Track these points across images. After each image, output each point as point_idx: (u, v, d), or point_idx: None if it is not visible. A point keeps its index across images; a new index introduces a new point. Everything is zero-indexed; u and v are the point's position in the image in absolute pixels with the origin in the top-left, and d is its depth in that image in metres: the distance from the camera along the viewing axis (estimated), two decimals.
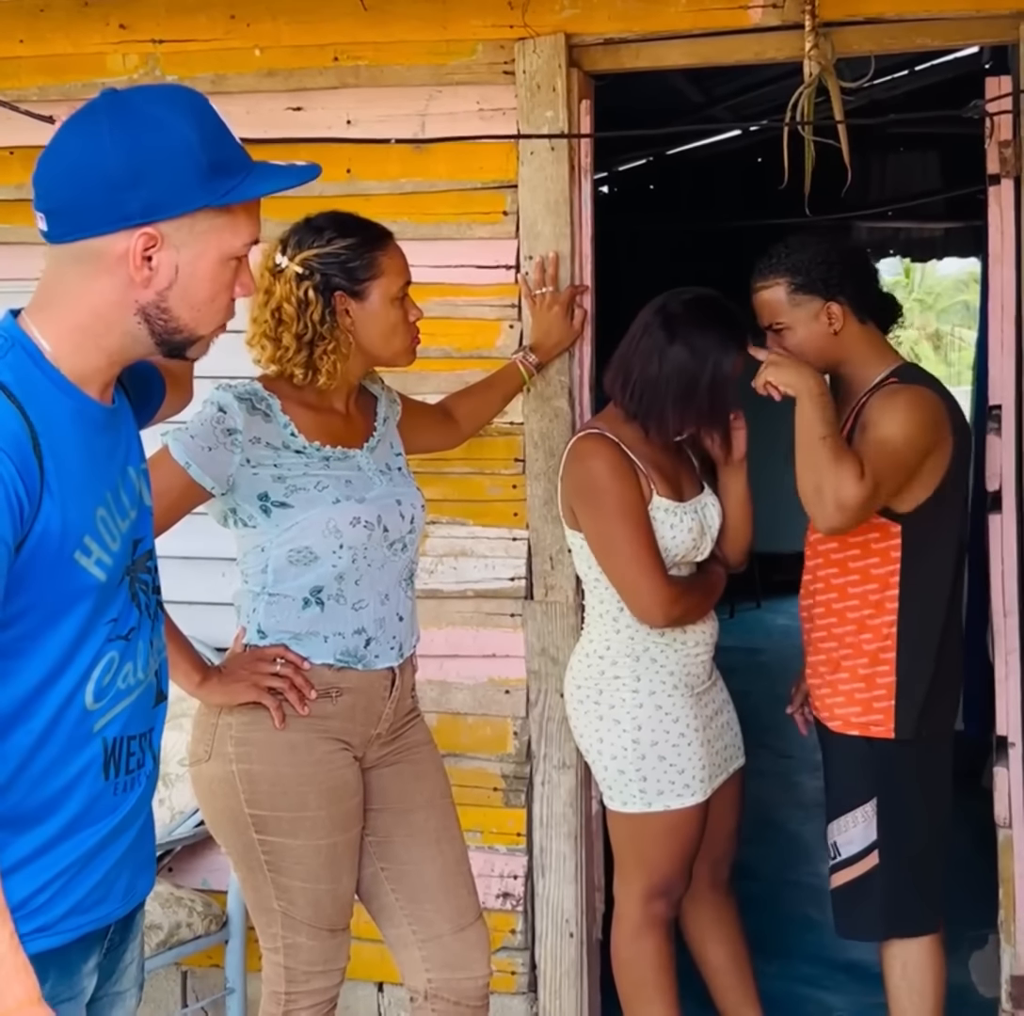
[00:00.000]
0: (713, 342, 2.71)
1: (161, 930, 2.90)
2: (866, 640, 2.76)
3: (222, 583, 2.95)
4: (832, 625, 2.81)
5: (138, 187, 1.52)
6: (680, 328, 2.72)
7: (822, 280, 2.74)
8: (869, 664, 2.75)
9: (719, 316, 2.76)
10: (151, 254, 1.54)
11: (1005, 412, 2.94)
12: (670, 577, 2.75)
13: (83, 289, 1.56)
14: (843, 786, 2.83)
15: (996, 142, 2.90)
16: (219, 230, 1.57)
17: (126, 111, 1.55)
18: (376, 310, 2.43)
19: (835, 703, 2.80)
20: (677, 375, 2.71)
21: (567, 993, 3.17)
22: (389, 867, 2.51)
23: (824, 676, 2.82)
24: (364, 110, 3.15)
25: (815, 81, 2.87)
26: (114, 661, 1.61)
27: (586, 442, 2.79)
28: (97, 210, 1.52)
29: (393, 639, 2.46)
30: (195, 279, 1.57)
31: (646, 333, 2.75)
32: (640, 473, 2.75)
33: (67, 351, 1.57)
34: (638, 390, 2.74)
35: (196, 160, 1.54)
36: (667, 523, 2.76)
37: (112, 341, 1.59)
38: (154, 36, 3.23)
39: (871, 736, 2.76)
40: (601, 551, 2.77)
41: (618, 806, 2.83)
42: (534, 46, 3.01)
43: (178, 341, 1.61)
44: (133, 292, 1.56)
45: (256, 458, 2.34)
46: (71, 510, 1.53)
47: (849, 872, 2.82)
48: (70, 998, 1.61)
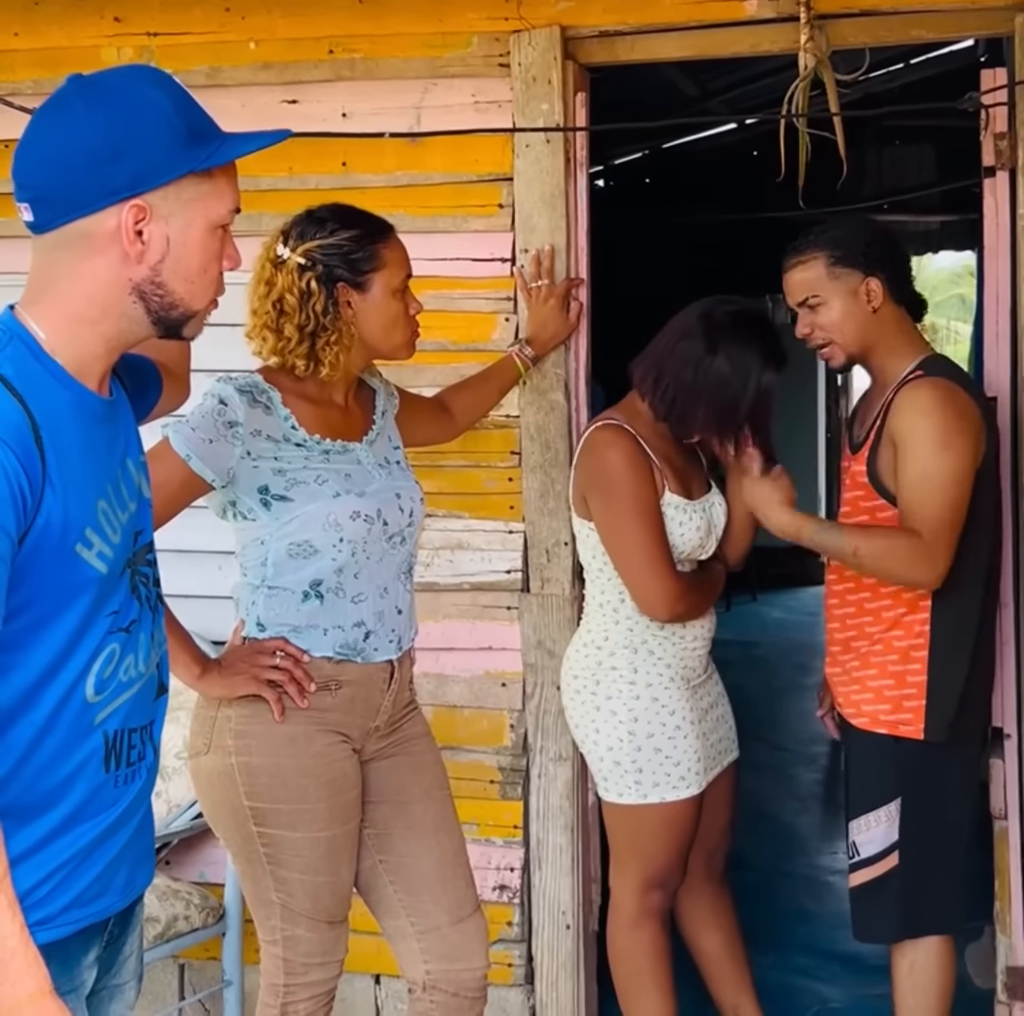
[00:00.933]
0: (755, 359, 2.69)
1: (158, 923, 2.91)
2: (897, 637, 2.70)
3: (219, 576, 2.95)
4: (865, 624, 2.75)
5: (121, 159, 1.52)
6: (722, 340, 2.69)
7: (863, 254, 2.68)
8: (900, 661, 2.70)
9: (762, 332, 2.74)
10: (142, 227, 1.55)
11: (1001, 404, 2.95)
12: (677, 572, 2.76)
13: (76, 274, 1.56)
14: (866, 785, 2.78)
15: (991, 134, 2.90)
16: (205, 197, 1.58)
17: (96, 89, 1.56)
18: (378, 302, 2.43)
19: (862, 700, 2.74)
20: (719, 388, 2.69)
21: (564, 985, 3.18)
22: (387, 859, 2.51)
23: (852, 673, 2.76)
24: (359, 103, 3.14)
25: (811, 74, 2.87)
26: (115, 653, 1.61)
27: (604, 432, 2.79)
28: (84, 189, 1.53)
29: (392, 632, 2.46)
30: (186, 249, 1.58)
31: (685, 337, 2.72)
32: (655, 467, 2.75)
33: (64, 341, 1.57)
34: (671, 392, 2.73)
35: (174, 127, 1.55)
36: (677, 520, 2.77)
37: (109, 326, 1.59)
38: (149, 29, 3.22)
39: (899, 735, 2.70)
40: (611, 542, 2.77)
41: (613, 798, 2.83)
42: (529, 39, 3.01)
43: (174, 318, 1.61)
44: (127, 270, 1.56)
45: (257, 451, 2.34)
46: (72, 502, 1.53)
47: (868, 872, 2.76)
48: (70, 991, 1.60)
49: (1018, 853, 2.98)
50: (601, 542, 2.79)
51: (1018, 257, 2.89)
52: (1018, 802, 2.96)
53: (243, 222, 2.97)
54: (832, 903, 3.64)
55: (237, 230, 2.93)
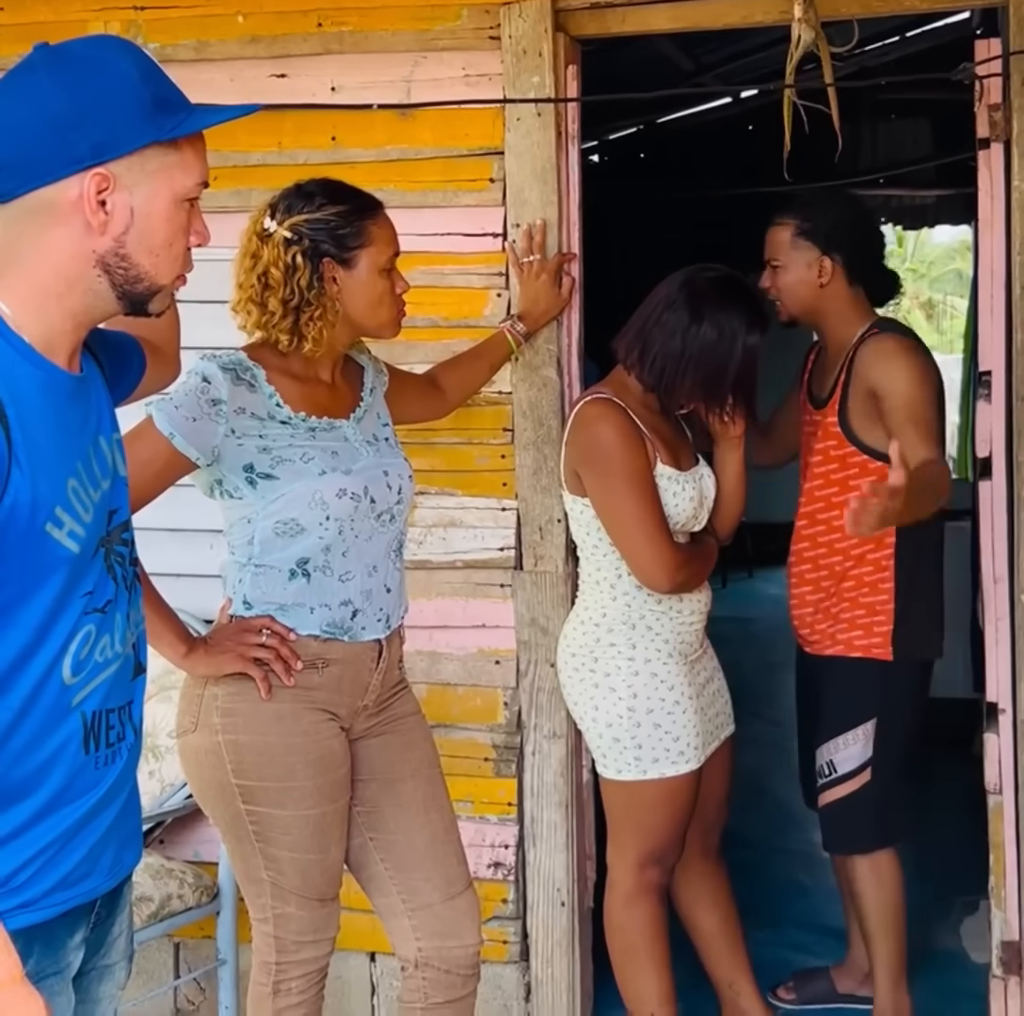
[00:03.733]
0: (740, 323, 2.72)
1: (152, 902, 2.91)
2: (867, 572, 2.98)
3: (210, 555, 2.94)
4: (835, 563, 3.01)
5: (85, 127, 1.50)
6: (706, 307, 2.72)
7: (824, 234, 2.95)
8: (870, 593, 2.98)
9: (744, 296, 2.78)
10: (105, 197, 1.53)
11: (995, 378, 2.93)
12: (675, 543, 2.76)
13: (39, 245, 1.54)
14: (844, 707, 3.03)
15: (986, 106, 2.87)
16: (170, 168, 1.56)
17: (62, 58, 1.54)
18: (363, 279, 2.41)
19: (837, 630, 3.02)
20: (706, 355, 2.72)
21: (559, 962, 3.18)
22: (378, 837, 2.50)
23: (827, 610, 3.04)
24: (349, 76, 3.11)
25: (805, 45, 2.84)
26: (91, 634, 1.59)
27: (594, 406, 2.78)
28: (46, 157, 1.51)
29: (380, 611, 2.45)
30: (151, 220, 1.56)
31: (669, 308, 2.74)
32: (646, 439, 2.75)
33: (31, 317, 1.55)
34: (659, 363, 2.74)
35: (139, 95, 1.53)
36: (670, 491, 2.76)
37: (74, 300, 1.57)
38: (136, 3, 3.19)
39: (873, 657, 2.99)
40: (608, 516, 2.76)
41: (612, 774, 2.83)
42: (520, 11, 2.98)
43: (139, 292, 1.59)
44: (90, 241, 1.54)
45: (241, 429, 2.33)
46: (41, 482, 1.51)
47: (843, 788, 3.02)
48: (56, 972, 1.60)
49: (1013, 827, 2.98)
50: (597, 517, 2.78)
51: (1013, 229, 2.86)
52: (1013, 776, 2.96)
53: (232, 197, 3.02)
54: (828, 879, 3.63)
55: (225, 205, 2.95)
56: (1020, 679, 2.92)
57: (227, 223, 2.25)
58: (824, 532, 3.03)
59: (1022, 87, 2.80)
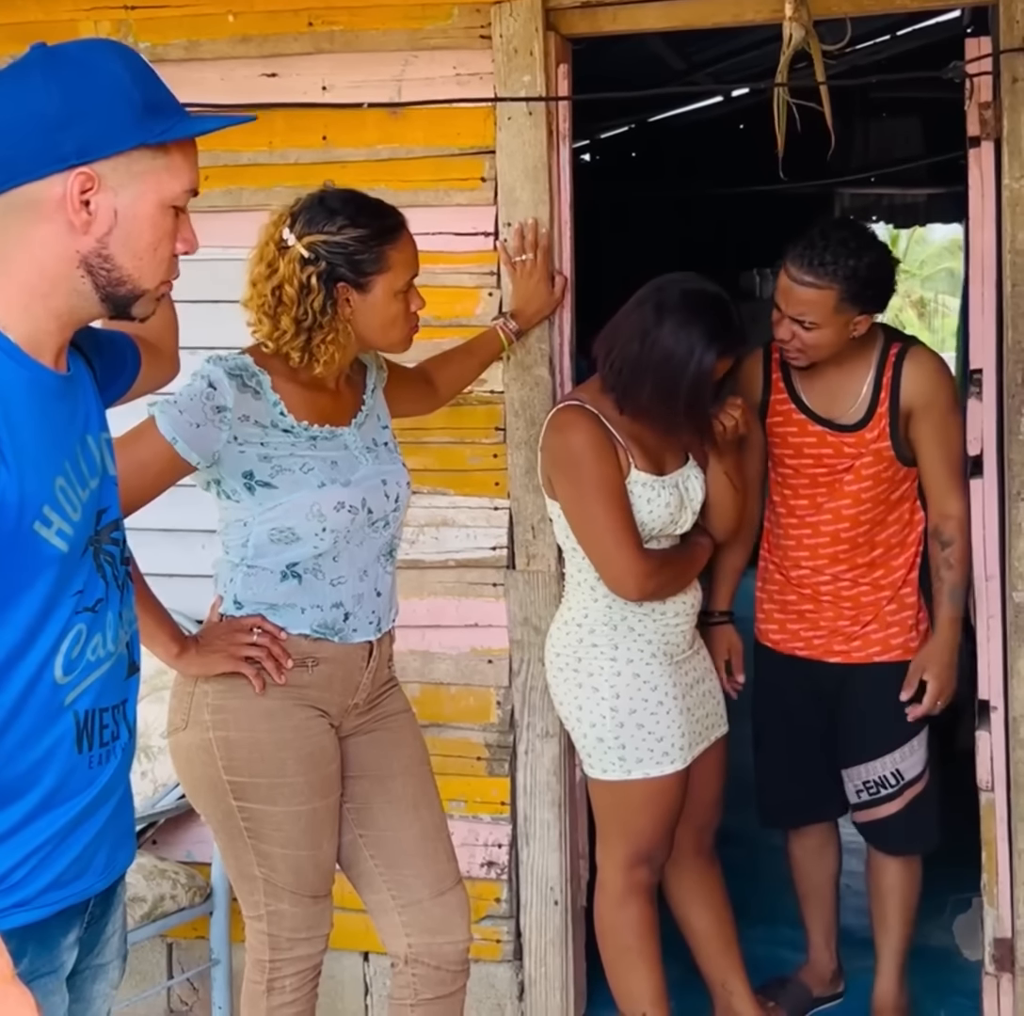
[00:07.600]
0: (699, 339, 2.65)
1: (145, 902, 2.90)
2: (901, 577, 3.04)
3: (202, 555, 2.92)
4: (880, 577, 3.02)
5: (72, 127, 1.50)
6: (670, 316, 2.67)
7: (871, 297, 2.87)
8: (912, 593, 3.03)
9: (715, 313, 2.69)
10: (89, 197, 1.52)
11: (986, 376, 2.94)
12: (645, 551, 2.74)
13: (23, 242, 1.54)
14: (901, 714, 3.01)
15: (976, 104, 2.88)
16: (157, 171, 1.55)
17: (56, 58, 1.54)
18: (377, 303, 2.39)
19: (889, 635, 3.03)
20: (662, 365, 2.67)
21: (552, 960, 3.18)
22: (367, 833, 2.51)
23: (879, 619, 3.03)
24: (339, 76, 3.11)
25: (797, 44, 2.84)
26: (82, 633, 1.59)
27: (565, 414, 2.77)
28: (31, 153, 1.51)
29: (372, 614, 2.45)
30: (136, 223, 1.55)
31: (638, 309, 2.72)
32: (619, 446, 2.73)
33: (16, 317, 1.55)
34: (617, 365, 2.72)
35: (129, 98, 1.53)
36: (644, 497, 2.75)
37: (59, 301, 1.57)
38: (126, 3, 3.18)
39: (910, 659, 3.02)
40: (576, 523, 2.76)
41: (598, 774, 2.83)
42: (510, 10, 2.98)
43: (122, 295, 1.59)
44: (74, 241, 1.54)
45: (244, 436, 2.32)
46: (29, 481, 1.51)
47: (911, 791, 3.04)
48: (49, 972, 1.60)
49: (1004, 825, 2.98)
50: (567, 523, 2.78)
51: (1003, 227, 2.87)
52: (1004, 774, 2.97)
53: (222, 197, 3.02)
54: None
55: (216, 205, 2.94)
56: (1012, 677, 2.92)
57: (218, 222, 2.25)
58: (866, 551, 3.02)
59: (1012, 85, 2.80)
